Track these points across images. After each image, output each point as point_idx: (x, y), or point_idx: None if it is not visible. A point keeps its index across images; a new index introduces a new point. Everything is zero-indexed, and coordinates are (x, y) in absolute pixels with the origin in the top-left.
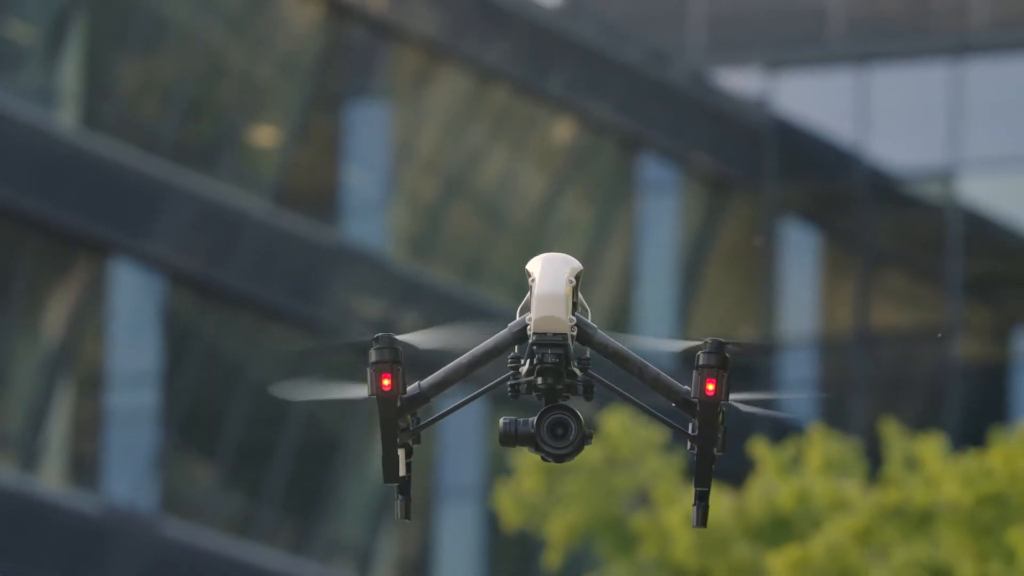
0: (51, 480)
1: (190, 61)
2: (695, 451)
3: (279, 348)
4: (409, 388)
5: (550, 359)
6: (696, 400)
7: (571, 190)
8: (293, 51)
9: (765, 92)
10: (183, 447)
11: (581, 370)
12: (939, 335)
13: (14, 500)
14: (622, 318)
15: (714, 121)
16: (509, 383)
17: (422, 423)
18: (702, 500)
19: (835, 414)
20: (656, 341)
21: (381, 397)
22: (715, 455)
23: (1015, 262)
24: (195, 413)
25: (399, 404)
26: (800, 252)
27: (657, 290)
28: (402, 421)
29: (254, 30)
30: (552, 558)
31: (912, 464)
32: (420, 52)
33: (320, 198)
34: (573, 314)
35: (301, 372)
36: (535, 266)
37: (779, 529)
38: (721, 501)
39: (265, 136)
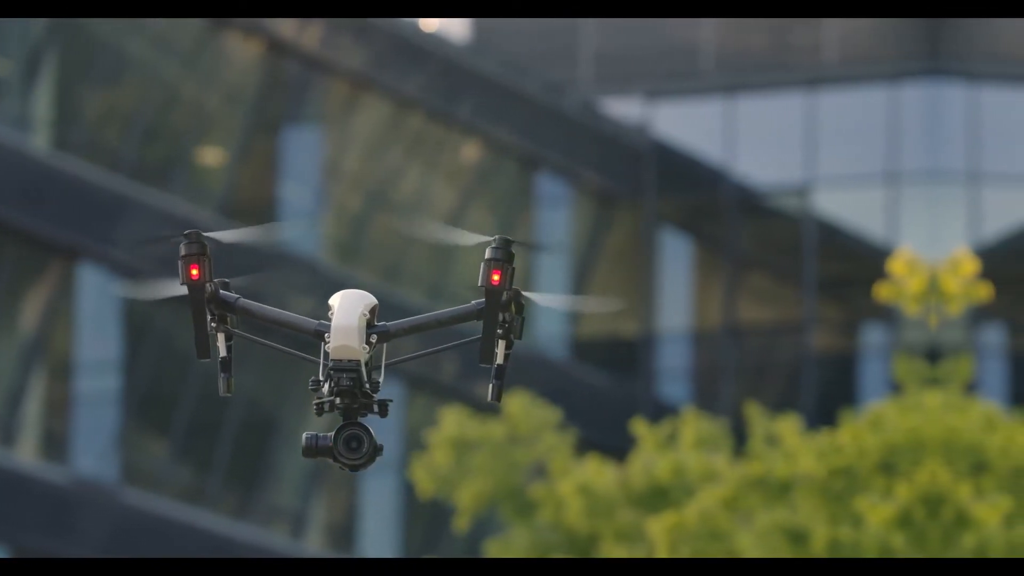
0: (26, 454)
1: (147, 91)
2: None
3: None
4: (231, 294)
5: (345, 382)
6: (483, 288)
7: (477, 203)
8: (237, 83)
9: (645, 118)
10: (141, 425)
11: (373, 391)
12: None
13: None
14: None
15: (601, 143)
16: (314, 401)
17: (242, 335)
18: (497, 378)
19: (706, 397)
20: (456, 234)
21: (190, 284)
22: (498, 336)
23: (862, 265)
24: (151, 396)
25: (208, 290)
26: (676, 257)
27: (552, 290)
28: (217, 308)
29: (203, 65)
30: (461, 522)
31: (773, 441)
32: (347, 83)
33: (260, 210)
34: (369, 338)
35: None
36: (335, 301)
37: (658, 497)
38: (606, 473)
39: (212, 156)
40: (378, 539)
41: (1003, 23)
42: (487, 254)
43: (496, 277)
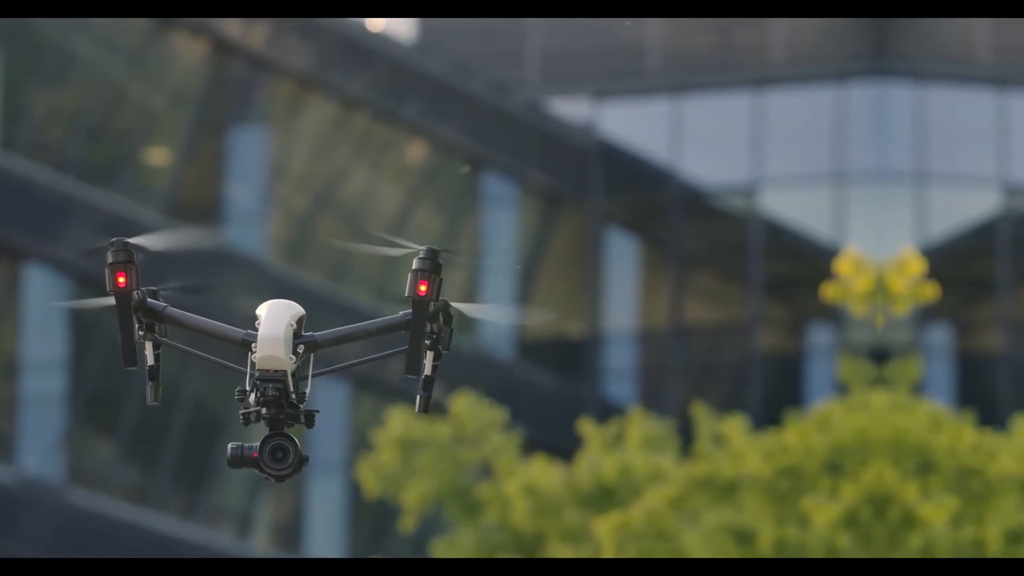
0: None
1: (94, 91)
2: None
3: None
4: (158, 303)
5: (271, 392)
6: (409, 298)
7: (423, 203)
8: (183, 83)
9: (591, 118)
10: (87, 425)
11: (299, 401)
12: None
13: None
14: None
15: (547, 144)
16: (240, 411)
17: (170, 344)
18: (425, 390)
19: (652, 397)
20: (382, 247)
21: (117, 293)
22: (426, 346)
23: (808, 265)
24: (98, 396)
25: (135, 298)
26: (622, 257)
27: (499, 290)
28: (145, 316)
29: (149, 65)
30: (407, 522)
31: (719, 441)
32: (293, 83)
33: (206, 210)
34: (296, 349)
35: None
36: (262, 310)
37: (604, 497)
38: (552, 473)
39: (158, 156)
40: (324, 539)
41: (950, 23)
42: (414, 264)
43: (423, 288)
